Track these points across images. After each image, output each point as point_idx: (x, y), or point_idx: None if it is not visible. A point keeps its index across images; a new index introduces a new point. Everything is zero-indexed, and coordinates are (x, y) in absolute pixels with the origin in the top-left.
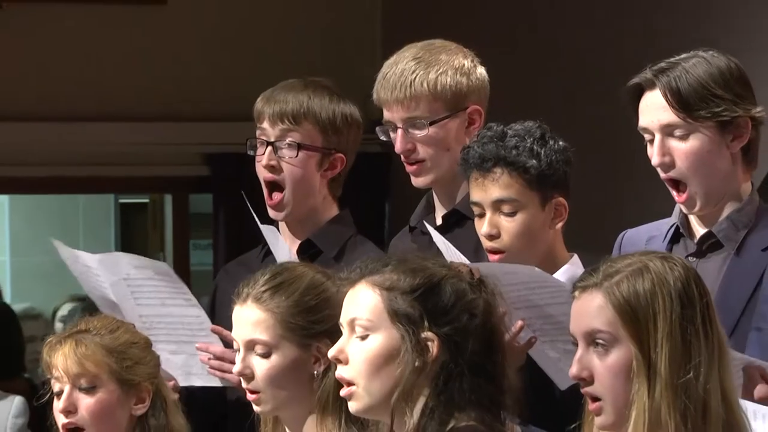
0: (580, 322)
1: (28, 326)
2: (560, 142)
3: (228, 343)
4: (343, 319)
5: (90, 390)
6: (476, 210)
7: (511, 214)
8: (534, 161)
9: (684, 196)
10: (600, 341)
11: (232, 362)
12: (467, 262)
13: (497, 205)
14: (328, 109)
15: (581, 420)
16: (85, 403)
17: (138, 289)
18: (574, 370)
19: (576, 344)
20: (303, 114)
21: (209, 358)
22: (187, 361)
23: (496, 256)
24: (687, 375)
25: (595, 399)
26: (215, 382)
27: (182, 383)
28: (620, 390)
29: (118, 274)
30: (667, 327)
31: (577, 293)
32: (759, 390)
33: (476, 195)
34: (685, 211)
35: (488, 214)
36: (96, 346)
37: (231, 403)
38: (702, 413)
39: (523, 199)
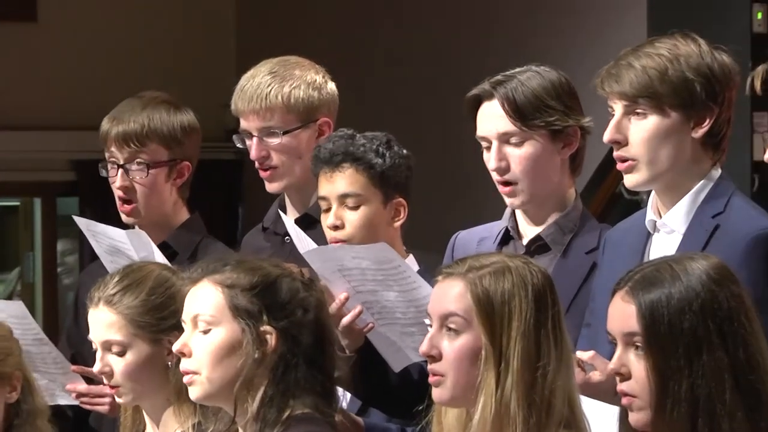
0: (438, 304)
1: None
2: (404, 150)
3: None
4: (186, 316)
5: None
6: (323, 204)
7: (355, 208)
8: (379, 160)
9: (510, 188)
10: (453, 324)
11: (97, 395)
12: (317, 246)
13: (343, 198)
14: (168, 124)
15: (429, 404)
16: None
17: None
18: (424, 347)
19: (431, 325)
20: (146, 135)
21: (77, 396)
22: (48, 384)
23: None
24: (536, 373)
25: (438, 375)
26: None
27: (50, 402)
28: (462, 371)
29: None
30: (521, 326)
31: (440, 278)
32: (576, 376)
33: (324, 189)
34: (507, 202)
35: (334, 206)
36: None
37: None
38: (546, 410)
39: (367, 194)
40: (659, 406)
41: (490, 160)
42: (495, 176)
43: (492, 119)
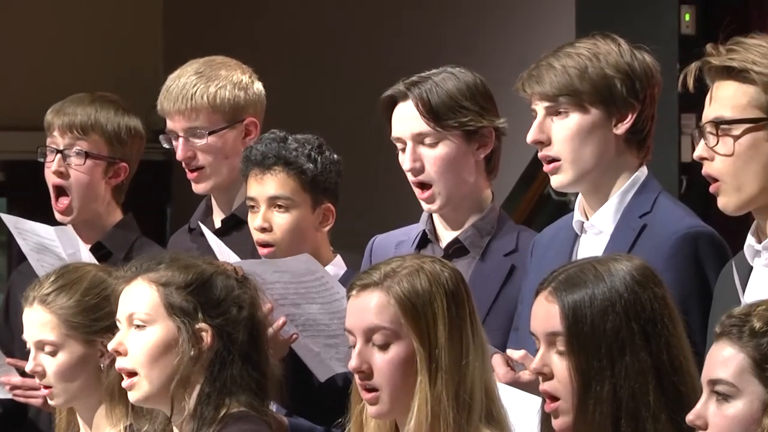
0: (359, 318)
1: None
2: (334, 155)
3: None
4: (121, 315)
5: None
6: (251, 205)
7: (284, 211)
8: (311, 165)
9: (427, 193)
10: (381, 337)
11: (31, 388)
12: (239, 260)
13: (272, 201)
14: (113, 122)
15: (349, 413)
16: None
17: None
18: (354, 363)
19: (352, 340)
20: (91, 126)
21: (11, 389)
22: None
23: (266, 250)
24: (462, 370)
25: (372, 390)
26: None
27: None
28: (398, 382)
29: None
30: (447, 325)
31: (355, 291)
32: (505, 375)
33: (253, 191)
34: (425, 207)
35: (263, 208)
36: None
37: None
38: (470, 405)
39: (297, 199)
40: (581, 406)
41: (405, 161)
42: (410, 177)
43: (406, 120)
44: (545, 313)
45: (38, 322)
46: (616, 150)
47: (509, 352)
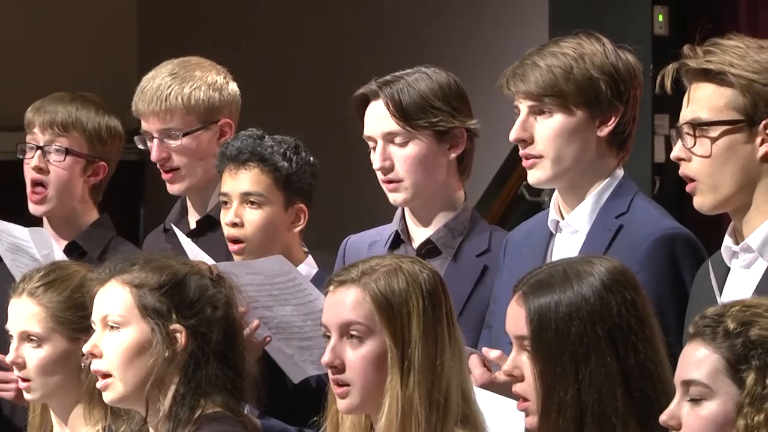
0: (335, 313)
1: None
2: (311, 157)
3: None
4: (96, 317)
5: None
6: (224, 200)
7: (256, 208)
8: (286, 163)
9: (393, 185)
10: (355, 332)
11: (3, 381)
12: (212, 261)
13: (245, 197)
14: (94, 121)
15: (324, 411)
16: None
17: None
18: (327, 358)
19: (328, 336)
20: (71, 123)
21: None
22: None
23: (236, 246)
24: (435, 370)
25: (344, 384)
26: None
27: None
28: (370, 378)
29: None
30: (421, 325)
31: (332, 287)
32: (481, 376)
33: (227, 186)
34: (390, 199)
35: (235, 204)
36: None
37: None
38: (445, 406)
39: (270, 196)
40: (545, 411)
41: (375, 159)
42: (380, 176)
43: (377, 119)
44: (515, 316)
45: (26, 313)
46: (597, 152)
47: (485, 350)
